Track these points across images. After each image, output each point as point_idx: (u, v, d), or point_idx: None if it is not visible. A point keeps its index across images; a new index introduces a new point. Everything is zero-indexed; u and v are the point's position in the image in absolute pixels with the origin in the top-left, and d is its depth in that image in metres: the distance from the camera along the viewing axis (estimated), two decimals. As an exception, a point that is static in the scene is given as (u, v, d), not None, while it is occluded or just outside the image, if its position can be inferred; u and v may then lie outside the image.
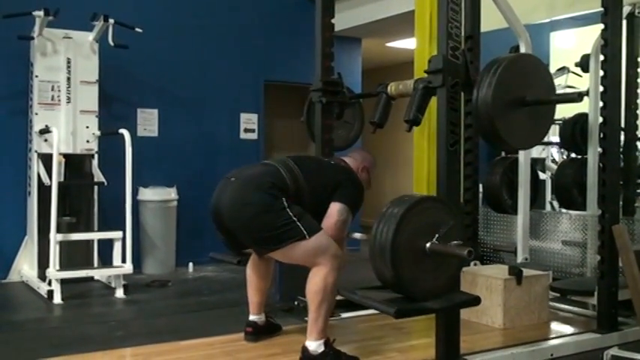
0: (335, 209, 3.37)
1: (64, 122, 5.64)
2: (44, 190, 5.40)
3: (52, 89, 5.66)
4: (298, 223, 3.21)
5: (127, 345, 3.81)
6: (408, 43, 7.95)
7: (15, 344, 3.88)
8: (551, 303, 4.51)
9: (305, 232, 3.20)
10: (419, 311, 3.12)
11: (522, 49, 4.74)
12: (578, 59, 5.52)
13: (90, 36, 5.78)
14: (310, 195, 3.36)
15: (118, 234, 5.41)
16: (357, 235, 3.50)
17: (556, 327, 4.28)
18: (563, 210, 5.66)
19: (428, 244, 2.96)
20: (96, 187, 5.81)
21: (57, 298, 4.94)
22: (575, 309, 4.54)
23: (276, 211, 3.21)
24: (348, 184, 3.49)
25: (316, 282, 3.23)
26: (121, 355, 3.66)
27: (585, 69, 5.30)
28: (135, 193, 5.92)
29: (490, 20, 5.11)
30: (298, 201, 3.30)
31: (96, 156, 5.81)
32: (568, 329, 4.20)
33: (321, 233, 3.26)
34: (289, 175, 3.35)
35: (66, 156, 5.60)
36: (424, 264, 2.98)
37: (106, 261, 5.69)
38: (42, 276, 5.34)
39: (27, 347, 3.78)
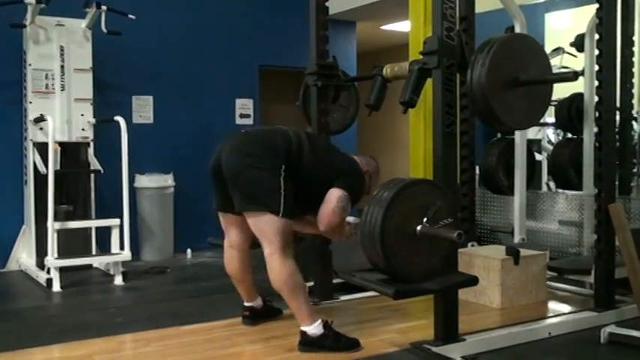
0: (335, 195, 3.39)
1: (59, 110, 5.62)
2: (41, 179, 5.38)
3: (46, 77, 5.62)
4: (282, 199, 3.25)
5: (127, 331, 3.84)
6: (402, 26, 7.92)
7: (15, 332, 3.89)
8: (549, 282, 4.55)
9: (281, 210, 3.24)
10: (417, 292, 3.15)
11: (517, 30, 4.73)
12: (572, 40, 5.51)
13: (83, 23, 5.74)
14: (309, 171, 3.39)
15: (116, 221, 5.41)
16: (351, 219, 3.50)
17: (553, 306, 4.31)
18: (560, 190, 5.68)
19: (418, 227, 2.97)
20: (92, 175, 5.80)
21: (56, 286, 4.95)
22: (573, 288, 4.58)
23: (270, 173, 3.26)
24: (353, 173, 3.52)
25: (276, 274, 3.29)
26: (121, 341, 3.68)
27: (580, 49, 5.30)
28: (131, 180, 5.90)
29: (485, 1, 5.10)
30: (295, 173, 3.33)
31: (92, 144, 5.79)
32: (565, 308, 4.24)
33: (289, 221, 3.30)
34: (297, 140, 3.40)
35: (61, 144, 5.58)
36: (416, 247, 3.00)
37: (104, 248, 5.69)
38: (40, 264, 5.34)
39: (28, 335, 3.79)
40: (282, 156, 3.30)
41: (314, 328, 3.29)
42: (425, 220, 2.97)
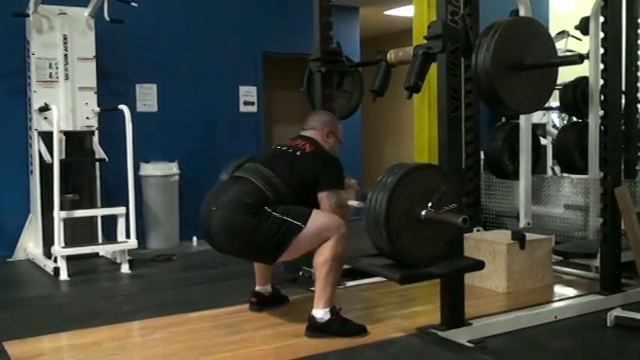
0: (323, 198, 3.40)
1: (63, 99, 5.62)
2: (46, 168, 5.39)
3: (50, 67, 5.62)
4: (290, 220, 3.25)
5: (135, 318, 3.86)
6: (406, 11, 7.89)
7: (24, 320, 3.92)
8: (555, 266, 4.55)
9: (299, 223, 3.25)
10: (423, 277, 3.15)
11: (522, 13, 4.70)
12: (577, 23, 5.48)
13: (85, 11, 5.72)
14: (290, 194, 3.36)
15: (122, 210, 5.43)
16: (355, 204, 3.50)
17: (559, 290, 4.32)
18: (565, 174, 5.67)
19: (423, 212, 2.97)
20: (97, 164, 5.81)
21: (63, 275, 4.97)
22: (578, 272, 4.58)
23: (264, 223, 3.23)
24: (324, 168, 3.46)
25: (324, 252, 3.27)
26: (129, 329, 3.70)
27: (585, 31, 5.26)
28: (136, 168, 5.91)
29: (489, -16, 5.06)
30: (280, 202, 3.32)
31: (96, 132, 5.79)
32: (571, 292, 4.24)
33: (314, 214, 3.30)
34: (264, 182, 3.35)
35: (66, 133, 5.59)
36: (421, 231, 3.00)
37: (110, 237, 5.71)
38: (47, 253, 5.36)
39: (37, 323, 3.81)
40: (258, 209, 3.25)
41: (324, 314, 3.30)
42: (429, 204, 2.97)
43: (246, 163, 3.60)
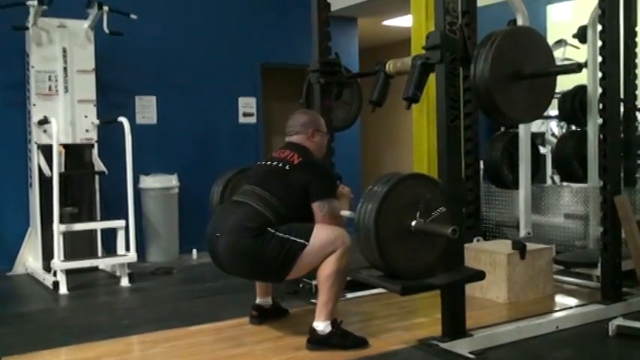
0: (315, 208, 3.39)
1: (63, 112, 5.62)
2: (45, 182, 5.39)
3: (49, 79, 5.62)
4: (292, 238, 3.25)
5: (134, 332, 3.84)
6: (404, 21, 7.90)
7: (23, 335, 3.90)
8: (555, 276, 4.54)
9: (302, 241, 3.25)
10: (424, 288, 3.14)
11: (519, 23, 4.71)
12: (575, 32, 5.49)
13: (85, 24, 5.73)
14: (289, 211, 3.37)
15: (121, 223, 5.42)
16: (347, 214, 3.48)
17: (561, 299, 4.30)
18: (565, 183, 5.67)
19: (413, 223, 2.95)
20: (97, 177, 5.80)
21: (63, 289, 4.95)
22: (579, 281, 4.56)
23: (268, 244, 3.24)
24: (313, 179, 3.43)
25: (329, 265, 3.27)
26: (129, 343, 3.68)
27: (583, 40, 5.27)
28: (136, 181, 5.91)
29: (486, -5, 5.08)
30: (282, 221, 3.32)
31: (96, 145, 5.79)
32: (573, 301, 4.23)
33: (317, 229, 3.29)
34: (265, 206, 3.35)
35: (66, 146, 5.59)
36: (413, 242, 2.97)
37: (109, 250, 5.69)
38: (47, 267, 5.34)
39: (37, 338, 3.79)
40: (261, 231, 3.27)
41: (325, 326, 3.29)
42: (418, 214, 2.95)
43: (243, 185, 3.59)
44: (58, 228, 5.07)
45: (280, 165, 3.51)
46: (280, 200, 3.37)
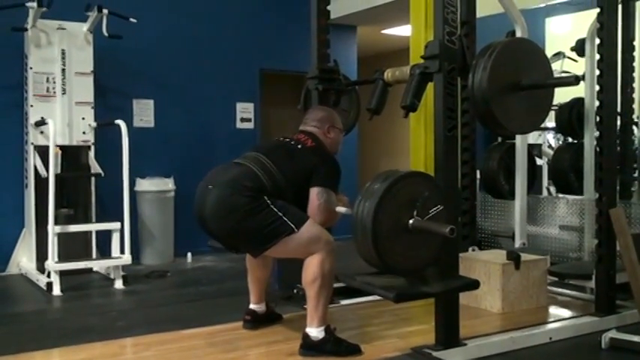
0: (314, 194, 3.36)
1: (60, 114, 5.62)
2: (41, 183, 5.38)
3: (47, 81, 5.63)
4: (285, 218, 3.22)
5: (128, 335, 3.83)
6: (403, 30, 7.93)
7: (16, 336, 3.89)
8: (550, 287, 4.54)
9: (293, 226, 3.22)
10: (419, 296, 3.14)
11: (518, 34, 4.73)
12: (573, 44, 5.52)
13: (84, 27, 5.74)
14: (288, 186, 3.35)
15: (116, 225, 5.41)
16: (343, 210, 3.47)
17: (554, 311, 4.30)
18: (560, 195, 5.68)
19: (411, 221, 2.95)
20: (93, 179, 5.79)
21: (56, 290, 4.94)
22: (573, 293, 4.56)
23: (260, 211, 3.21)
24: (320, 164, 3.43)
25: (312, 270, 3.25)
26: (122, 345, 3.67)
27: (581, 53, 5.30)
28: (132, 184, 5.90)
29: (486, 5, 5.10)
30: (279, 194, 3.30)
31: (92, 147, 5.78)
32: (566, 313, 4.23)
33: (309, 223, 3.27)
34: (264, 172, 3.33)
35: (62, 148, 5.58)
36: (409, 240, 2.96)
37: (104, 252, 5.68)
38: (41, 268, 5.33)
39: (29, 339, 3.78)
40: (257, 194, 3.24)
41: (318, 332, 3.28)
42: (415, 212, 2.94)
43: (248, 152, 3.57)
44: (52, 229, 5.06)
45: (292, 143, 3.54)
46: (282, 173, 3.35)
